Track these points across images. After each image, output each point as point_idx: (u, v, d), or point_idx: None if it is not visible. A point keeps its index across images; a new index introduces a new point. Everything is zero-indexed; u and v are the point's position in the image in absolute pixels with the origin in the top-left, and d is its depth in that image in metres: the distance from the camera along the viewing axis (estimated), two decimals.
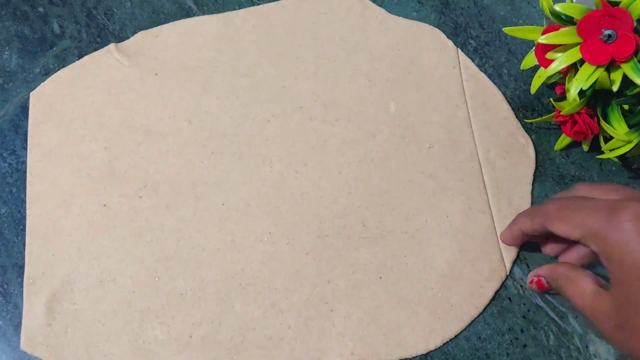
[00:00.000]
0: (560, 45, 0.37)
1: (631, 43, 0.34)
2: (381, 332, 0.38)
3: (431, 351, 0.38)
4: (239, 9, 0.47)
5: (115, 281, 0.39)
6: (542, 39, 0.36)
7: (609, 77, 0.35)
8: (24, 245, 0.41)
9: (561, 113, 0.38)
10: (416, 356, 0.37)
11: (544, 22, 0.39)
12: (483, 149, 0.42)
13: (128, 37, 0.46)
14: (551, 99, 0.39)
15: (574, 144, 0.42)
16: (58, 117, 0.44)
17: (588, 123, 0.38)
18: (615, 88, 0.35)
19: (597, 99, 0.37)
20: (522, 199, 0.41)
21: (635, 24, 0.35)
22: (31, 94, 0.45)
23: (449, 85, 0.44)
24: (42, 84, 0.45)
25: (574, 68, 0.37)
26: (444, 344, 0.38)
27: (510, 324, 0.38)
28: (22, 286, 0.40)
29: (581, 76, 0.35)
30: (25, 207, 0.42)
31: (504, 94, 0.44)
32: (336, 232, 0.40)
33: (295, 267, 0.39)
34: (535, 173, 0.42)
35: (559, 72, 0.37)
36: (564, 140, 0.41)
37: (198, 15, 0.47)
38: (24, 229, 0.41)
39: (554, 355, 0.37)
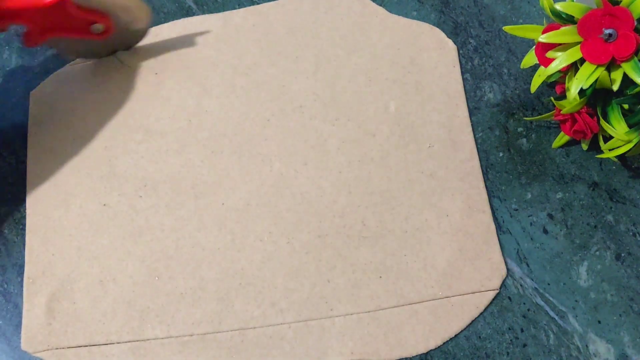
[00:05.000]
0: (560, 44, 0.37)
1: (632, 42, 0.34)
2: (381, 331, 0.38)
3: (431, 350, 0.38)
4: (239, 8, 0.47)
5: (115, 280, 0.39)
6: (543, 38, 0.36)
7: (610, 76, 0.35)
8: (24, 244, 0.41)
9: (561, 112, 0.38)
10: (416, 355, 0.37)
11: (544, 21, 0.39)
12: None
13: None
14: (552, 98, 0.39)
15: (573, 142, 0.42)
16: (58, 116, 0.44)
17: (588, 122, 0.38)
18: (615, 87, 0.35)
19: (597, 98, 0.37)
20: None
21: (636, 23, 0.34)
22: (31, 93, 0.45)
23: (449, 85, 0.44)
24: (41, 84, 0.45)
25: (574, 67, 0.37)
26: (444, 343, 0.38)
27: (510, 324, 0.38)
28: (22, 286, 0.40)
29: (581, 75, 0.35)
30: (25, 206, 0.42)
31: (504, 93, 0.44)
32: (336, 231, 0.40)
33: (295, 267, 0.39)
34: (535, 172, 0.42)
35: (559, 71, 0.37)
36: (562, 138, 0.41)
37: (198, 15, 0.47)
38: (23, 229, 0.41)
39: (553, 354, 0.37)
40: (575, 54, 0.35)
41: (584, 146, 0.42)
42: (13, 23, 0.39)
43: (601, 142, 0.39)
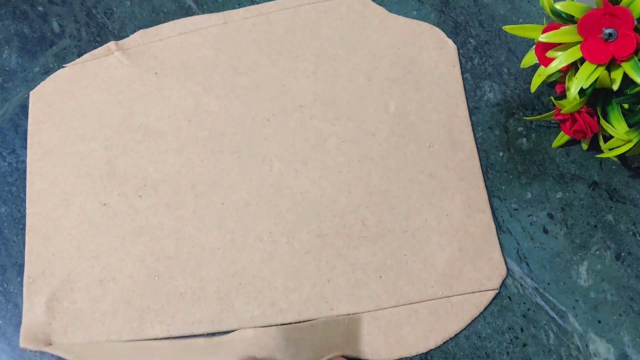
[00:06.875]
0: (560, 43, 0.36)
1: (632, 42, 0.34)
2: (381, 331, 0.38)
3: (431, 350, 0.38)
4: (239, 7, 0.47)
5: (115, 280, 0.39)
6: (543, 38, 0.36)
7: (610, 76, 0.35)
8: (24, 244, 0.41)
9: (561, 112, 0.38)
10: (416, 355, 0.37)
11: (544, 21, 0.39)
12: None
13: (128, 36, 0.46)
14: (552, 98, 0.39)
15: (573, 142, 0.42)
16: (58, 116, 0.44)
17: (588, 122, 0.38)
18: (615, 87, 0.35)
19: (597, 98, 0.37)
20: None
21: (635, 22, 0.34)
22: (31, 93, 0.45)
23: (449, 84, 0.44)
24: (41, 83, 0.45)
25: (574, 67, 0.37)
26: (444, 343, 0.38)
27: (510, 323, 0.38)
28: (22, 285, 0.40)
29: (581, 75, 0.35)
30: (25, 206, 0.42)
31: (504, 92, 0.44)
32: (336, 231, 0.40)
33: (295, 266, 0.39)
34: (535, 172, 0.42)
35: (559, 70, 0.37)
36: (562, 138, 0.41)
37: (198, 14, 0.47)
38: (23, 228, 0.41)
39: (553, 354, 0.37)
40: (575, 53, 0.35)
41: (584, 146, 0.42)
42: None
43: (601, 142, 0.39)
